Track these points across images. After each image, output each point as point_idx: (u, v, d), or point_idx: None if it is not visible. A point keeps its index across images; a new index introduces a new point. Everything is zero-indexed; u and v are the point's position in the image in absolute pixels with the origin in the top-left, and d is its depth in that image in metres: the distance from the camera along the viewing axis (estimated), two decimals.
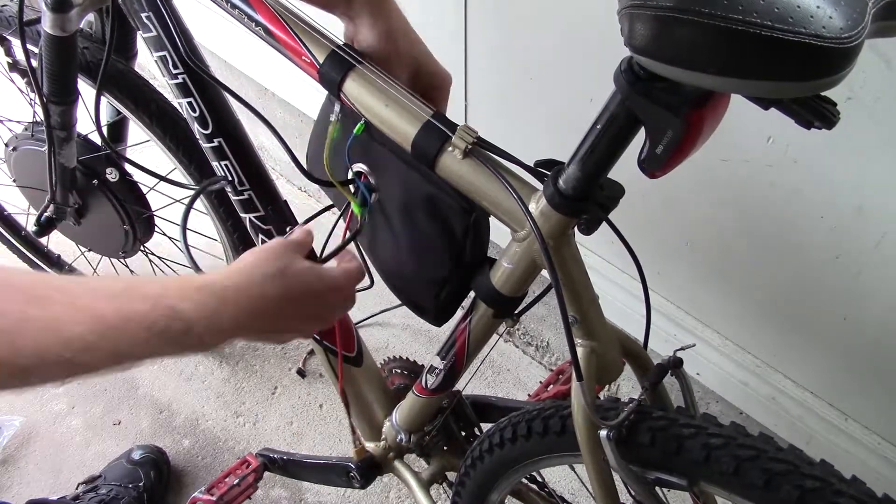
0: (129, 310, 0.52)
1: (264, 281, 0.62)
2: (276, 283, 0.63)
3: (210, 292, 0.58)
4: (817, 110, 0.50)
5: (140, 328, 0.52)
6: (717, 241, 1.18)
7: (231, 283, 0.60)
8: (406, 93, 0.75)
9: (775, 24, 0.42)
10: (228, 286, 0.59)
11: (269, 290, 0.62)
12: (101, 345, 0.51)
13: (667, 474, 0.72)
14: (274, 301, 0.62)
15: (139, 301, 0.53)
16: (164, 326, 0.53)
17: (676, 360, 0.72)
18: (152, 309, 0.53)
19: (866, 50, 0.80)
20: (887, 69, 0.83)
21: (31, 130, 1.28)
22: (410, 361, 1.21)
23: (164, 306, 0.54)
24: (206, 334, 0.56)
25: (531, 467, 0.88)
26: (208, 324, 0.56)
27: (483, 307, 0.82)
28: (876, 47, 0.82)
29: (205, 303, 0.57)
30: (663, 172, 0.58)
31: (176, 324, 0.54)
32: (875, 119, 0.88)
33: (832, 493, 0.62)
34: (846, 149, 0.93)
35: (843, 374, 1.17)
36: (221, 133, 0.96)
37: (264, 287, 0.62)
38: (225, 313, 0.58)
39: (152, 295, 0.54)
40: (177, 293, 0.56)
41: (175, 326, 0.54)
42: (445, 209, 0.77)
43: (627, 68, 0.55)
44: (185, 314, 0.55)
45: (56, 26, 0.95)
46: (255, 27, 0.82)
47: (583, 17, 1.08)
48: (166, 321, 0.54)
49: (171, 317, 0.54)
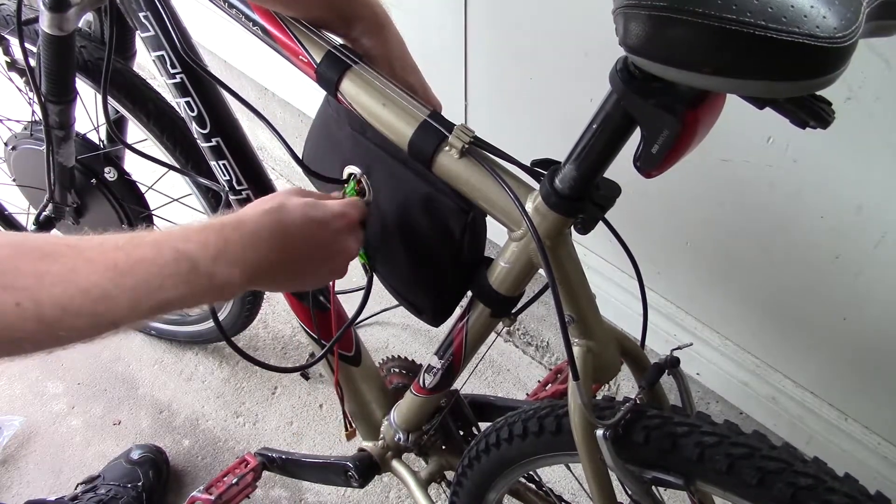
0: (137, 256, 0.55)
1: (263, 215, 0.64)
2: (274, 215, 0.65)
3: (210, 230, 0.60)
4: (812, 110, 0.50)
5: (150, 272, 0.54)
6: (717, 241, 1.19)
7: (230, 220, 0.62)
8: (403, 93, 0.75)
9: (769, 23, 0.42)
10: (227, 223, 0.61)
11: (268, 221, 0.64)
12: (117, 292, 0.53)
13: (663, 473, 0.72)
14: (276, 232, 0.64)
15: (144, 248, 0.55)
16: (173, 268, 0.56)
17: (673, 360, 0.72)
18: (158, 252, 0.55)
19: (866, 50, 0.81)
20: (887, 69, 0.83)
21: (30, 129, 1.28)
22: (409, 361, 1.21)
23: (169, 248, 0.56)
24: (214, 271, 0.58)
25: (528, 467, 0.89)
26: (213, 260, 0.58)
27: (480, 307, 0.82)
28: (875, 47, 0.82)
29: (206, 240, 0.58)
30: (659, 172, 0.58)
31: (182, 264, 0.56)
32: (875, 119, 0.88)
33: (825, 491, 0.62)
34: (846, 149, 0.93)
35: (843, 374, 1.17)
36: (219, 132, 0.96)
37: (263, 219, 0.64)
38: (227, 248, 0.60)
39: (156, 241, 0.56)
40: (179, 236, 0.58)
41: (182, 266, 0.56)
42: (442, 209, 0.77)
43: (623, 68, 0.55)
44: (189, 252, 0.57)
45: (54, 25, 0.95)
46: (253, 27, 0.82)
47: (583, 17, 1.08)
48: (174, 262, 0.56)
49: (177, 257, 0.56)
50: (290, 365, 1.65)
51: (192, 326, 1.58)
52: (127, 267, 0.54)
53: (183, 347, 1.69)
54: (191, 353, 1.68)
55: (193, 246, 0.58)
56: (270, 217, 0.64)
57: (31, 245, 0.52)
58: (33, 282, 0.50)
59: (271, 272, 0.65)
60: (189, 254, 0.57)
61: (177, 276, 0.56)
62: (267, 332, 1.72)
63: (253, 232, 0.62)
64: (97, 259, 0.53)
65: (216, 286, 0.59)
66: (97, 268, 0.53)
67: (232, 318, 1.45)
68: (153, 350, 1.69)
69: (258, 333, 1.72)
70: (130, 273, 0.54)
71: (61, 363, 1.67)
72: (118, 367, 1.67)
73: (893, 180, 0.92)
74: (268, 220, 0.64)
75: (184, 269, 0.56)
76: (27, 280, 0.50)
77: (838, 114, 0.51)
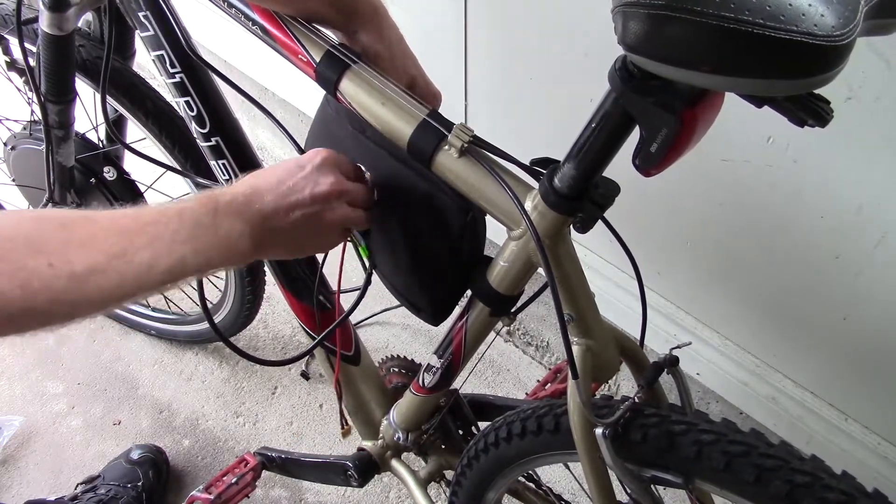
0: (144, 219, 0.60)
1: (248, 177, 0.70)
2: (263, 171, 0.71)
3: (206, 194, 0.65)
4: (811, 108, 0.50)
5: (157, 231, 0.60)
6: (717, 241, 1.19)
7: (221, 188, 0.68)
8: (402, 92, 0.76)
9: (767, 21, 0.42)
10: (218, 189, 0.67)
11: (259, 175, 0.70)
12: (133, 250, 0.58)
13: (662, 472, 0.72)
14: (264, 177, 0.70)
15: (150, 213, 0.61)
16: (177, 223, 0.61)
17: (672, 359, 0.72)
18: (162, 214, 0.61)
19: (866, 50, 0.81)
20: (887, 69, 0.83)
21: (29, 129, 1.28)
22: (408, 360, 1.21)
23: (172, 210, 0.62)
24: (218, 223, 0.63)
25: (527, 466, 0.89)
26: (213, 214, 0.63)
27: (480, 305, 0.82)
28: (876, 47, 0.82)
29: (203, 201, 0.64)
30: (657, 171, 0.58)
31: (186, 220, 0.62)
32: (875, 119, 0.88)
33: (822, 488, 0.62)
34: (846, 149, 0.93)
35: (843, 374, 1.17)
36: (219, 132, 0.96)
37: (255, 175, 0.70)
38: (223, 205, 0.64)
39: (160, 206, 0.63)
40: (180, 201, 0.64)
41: (186, 221, 0.61)
42: (442, 208, 0.77)
43: (622, 67, 0.55)
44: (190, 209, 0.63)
45: (54, 25, 0.95)
46: (252, 26, 0.82)
47: (583, 16, 1.08)
48: (177, 219, 0.61)
49: (181, 216, 0.62)
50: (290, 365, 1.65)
51: (191, 326, 1.59)
52: (137, 228, 0.60)
53: (183, 347, 1.69)
54: (191, 353, 1.69)
55: (194, 205, 0.63)
56: (261, 172, 0.71)
57: (51, 217, 0.58)
58: (60, 246, 0.55)
59: (273, 225, 0.68)
60: (190, 210, 0.62)
61: (183, 231, 0.61)
62: (267, 332, 1.73)
63: (247, 182, 0.68)
64: (110, 226, 0.59)
65: (222, 238, 0.63)
66: (111, 233, 0.58)
67: (231, 317, 1.45)
68: (153, 350, 1.69)
69: (258, 333, 1.72)
70: (142, 233, 0.59)
71: (61, 363, 1.67)
72: (118, 367, 1.67)
73: (893, 180, 0.92)
74: (260, 175, 0.70)
75: (188, 225, 0.61)
76: (54, 245, 0.55)
77: (838, 114, 0.51)
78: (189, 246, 0.61)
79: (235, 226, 0.64)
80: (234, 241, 0.64)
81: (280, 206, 0.68)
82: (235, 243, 0.64)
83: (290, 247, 0.73)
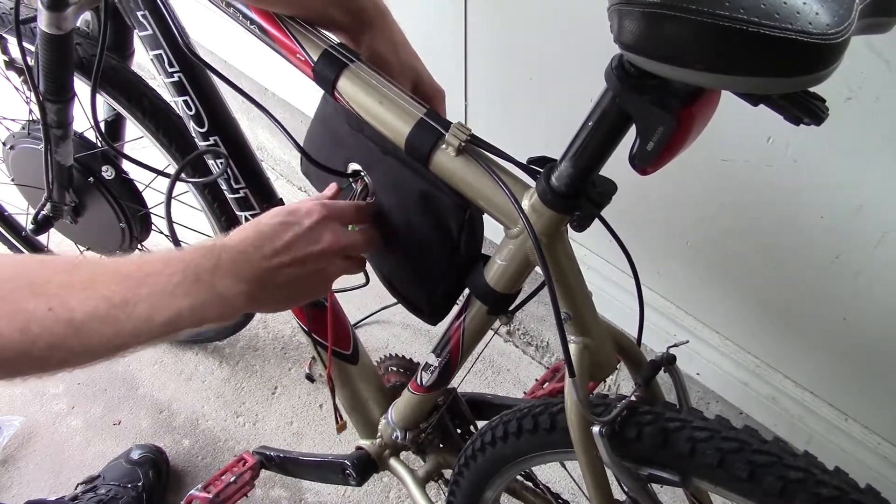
0: (148, 269, 0.60)
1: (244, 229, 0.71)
2: (253, 225, 0.71)
3: (207, 247, 0.66)
4: (806, 106, 0.50)
5: (160, 282, 0.60)
6: (717, 241, 1.18)
7: (221, 238, 0.68)
8: (400, 91, 0.76)
9: (762, 20, 0.42)
10: (219, 241, 0.68)
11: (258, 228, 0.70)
12: (135, 300, 0.58)
13: (659, 470, 0.72)
14: (262, 231, 0.70)
15: (155, 262, 0.61)
16: (180, 277, 0.61)
17: (669, 357, 0.72)
18: (166, 265, 0.61)
19: (866, 50, 0.81)
20: (887, 69, 0.83)
21: (27, 129, 1.28)
22: (406, 359, 1.21)
23: (177, 260, 0.62)
24: (215, 281, 0.63)
25: (523, 465, 0.89)
26: (212, 271, 0.63)
27: (477, 304, 0.82)
28: (875, 48, 0.82)
29: (205, 254, 0.64)
30: (654, 169, 0.58)
31: (189, 273, 0.62)
32: (875, 119, 0.88)
33: (814, 484, 0.63)
34: (846, 149, 0.93)
35: (843, 373, 1.17)
36: (217, 131, 0.96)
37: (245, 232, 0.70)
38: (221, 262, 0.64)
39: (164, 255, 0.63)
40: (184, 251, 0.64)
41: (188, 275, 0.62)
42: (440, 206, 0.77)
43: (618, 65, 0.55)
44: (193, 263, 0.63)
45: (52, 24, 0.95)
46: (251, 25, 0.82)
47: (583, 16, 1.08)
48: (181, 272, 0.61)
49: (184, 268, 0.62)
50: (290, 365, 1.65)
51: None
52: (141, 276, 0.59)
53: (183, 347, 1.69)
54: (191, 353, 1.69)
55: (197, 258, 0.63)
56: (252, 227, 0.70)
57: (55, 259, 0.59)
58: (61, 290, 0.55)
59: (269, 283, 0.68)
60: (193, 264, 0.62)
61: (184, 284, 0.61)
62: (267, 332, 1.73)
63: (237, 245, 0.68)
64: (113, 271, 0.59)
65: (219, 295, 0.63)
66: (115, 278, 0.58)
67: None
68: (153, 350, 1.69)
69: (258, 333, 1.72)
70: (144, 283, 0.59)
71: None
72: (118, 367, 1.67)
73: (893, 180, 0.92)
74: (249, 227, 0.70)
75: (190, 279, 0.61)
76: (56, 288, 0.55)
77: (838, 114, 0.51)
78: (187, 301, 0.61)
79: (233, 287, 0.65)
80: (229, 299, 0.64)
81: (277, 264, 0.69)
82: (231, 301, 0.64)
83: (285, 302, 0.73)
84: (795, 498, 0.63)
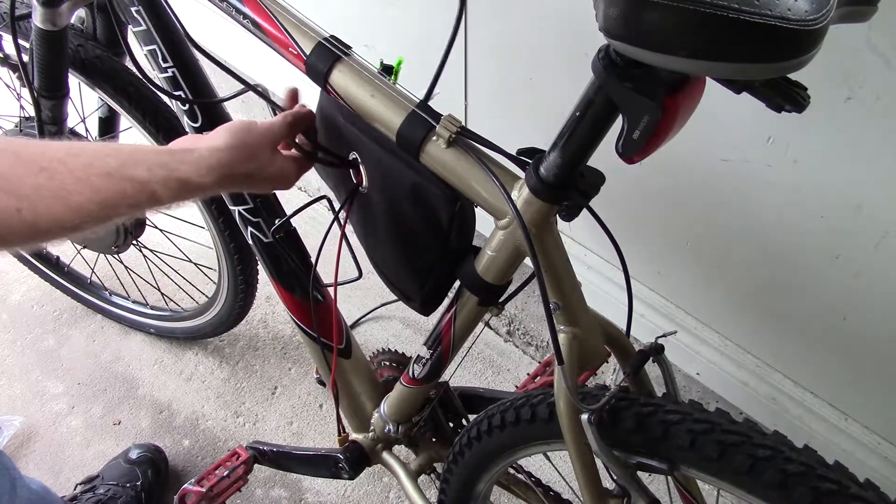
0: (125, 172, 0.61)
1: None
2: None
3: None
4: (787, 94, 0.51)
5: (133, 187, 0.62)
6: (717, 240, 1.18)
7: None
8: (391, 84, 0.76)
9: (742, 6, 0.43)
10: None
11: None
12: (98, 210, 0.59)
13: (648, 458, 0.73)
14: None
15: (135, 169, 0.63)
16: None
17: (658, 347, 0.73)
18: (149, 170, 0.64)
19: (866, 50, 0.82)
20: (887, 69, 0.83)
21: (20, 126, 1.28)
22: (399, 354, 1.22)
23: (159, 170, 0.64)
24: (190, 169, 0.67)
25: (510, 457, 0.89)
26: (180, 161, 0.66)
27: (468, 295, 0.82)
28: (875, 47, 0.81)
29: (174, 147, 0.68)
30: (640, 158, 0.59)
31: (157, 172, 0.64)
32: (875, 119, 0.88)
33: (815, 478, 0.63)
34: (846, 149, 0.93)
35: (843, 373, 1.17)
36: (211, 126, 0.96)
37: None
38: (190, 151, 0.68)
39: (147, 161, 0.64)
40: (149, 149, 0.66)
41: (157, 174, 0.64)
42: (431, 197, 0.78)
43: (604, 55, 0.56)
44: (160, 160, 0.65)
45: (47, 21, 0.96)
46: (243, 20, 0.83)
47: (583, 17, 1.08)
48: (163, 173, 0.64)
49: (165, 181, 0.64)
50: (290, 365, 1.66)
51: (189, 322, 1.59)
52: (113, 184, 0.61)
53: (183, 347, 1.69)
54: (191, 352, 1.69)
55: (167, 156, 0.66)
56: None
57: (29, 156, 0.58)
58: (32, 193, 0.56)
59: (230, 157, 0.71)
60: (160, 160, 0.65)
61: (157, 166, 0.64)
62: (267, 332, 1.73)
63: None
64: (85, 179, 0.59)
65: (190, 166, 0.67)
66: (84, 188, 0.59)
67: (226, 310, 1.45)
68: (153, 350, 1.69)
69: (258, 333, 1.72)
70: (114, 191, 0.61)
71: (61, 363, 1.67)
72: (118, 367, 1.67)
73: (893, 180, 0.92)
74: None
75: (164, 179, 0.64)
76: (27, 190, 0.56)
77: (839, 114, 0.52)
78: (155, 173, 0.64)
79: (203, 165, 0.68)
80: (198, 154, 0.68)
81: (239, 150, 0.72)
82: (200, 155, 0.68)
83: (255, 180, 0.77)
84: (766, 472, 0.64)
